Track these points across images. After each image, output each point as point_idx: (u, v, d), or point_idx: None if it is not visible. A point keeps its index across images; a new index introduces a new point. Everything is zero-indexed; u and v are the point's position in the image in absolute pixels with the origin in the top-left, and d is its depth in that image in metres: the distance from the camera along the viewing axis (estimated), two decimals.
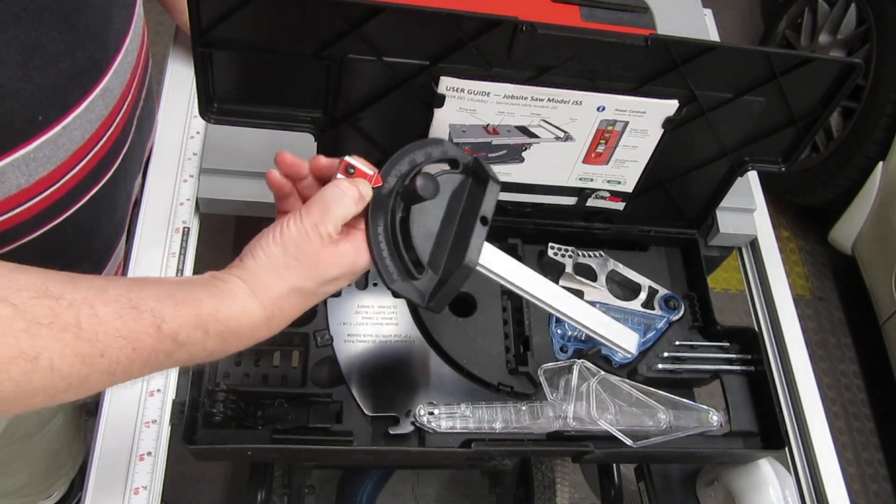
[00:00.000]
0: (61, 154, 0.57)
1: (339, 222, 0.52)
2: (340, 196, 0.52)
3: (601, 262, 0.85)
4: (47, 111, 0.54)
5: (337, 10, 0.59)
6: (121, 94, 0.63)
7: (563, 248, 0.85)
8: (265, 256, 0.50)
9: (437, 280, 0.56)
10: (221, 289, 0.49)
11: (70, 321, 0.40)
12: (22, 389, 0.38)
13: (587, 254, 0.85)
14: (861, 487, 1.91)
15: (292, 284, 0.50)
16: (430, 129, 0.70)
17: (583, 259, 0.85)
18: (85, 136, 0.59)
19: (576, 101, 0.68)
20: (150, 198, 0.79)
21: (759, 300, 0.95)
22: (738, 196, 0.90)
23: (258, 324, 0.50)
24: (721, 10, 2.41)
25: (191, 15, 0.58)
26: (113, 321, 0.42)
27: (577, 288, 0.83)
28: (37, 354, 0.38)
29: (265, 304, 0.50)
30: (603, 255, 0.86)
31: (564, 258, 0.84)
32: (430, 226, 0.57)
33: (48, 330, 0.39)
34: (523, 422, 0.72)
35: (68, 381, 0.40)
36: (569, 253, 0.85)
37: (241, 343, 0.50)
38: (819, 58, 0.69)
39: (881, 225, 1.88)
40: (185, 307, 0.46)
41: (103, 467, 0.65)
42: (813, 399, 0.85)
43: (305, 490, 1.11)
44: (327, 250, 0.51)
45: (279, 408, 0.71)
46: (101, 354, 0.41)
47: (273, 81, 0.66)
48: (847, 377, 2.09)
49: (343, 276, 0.53)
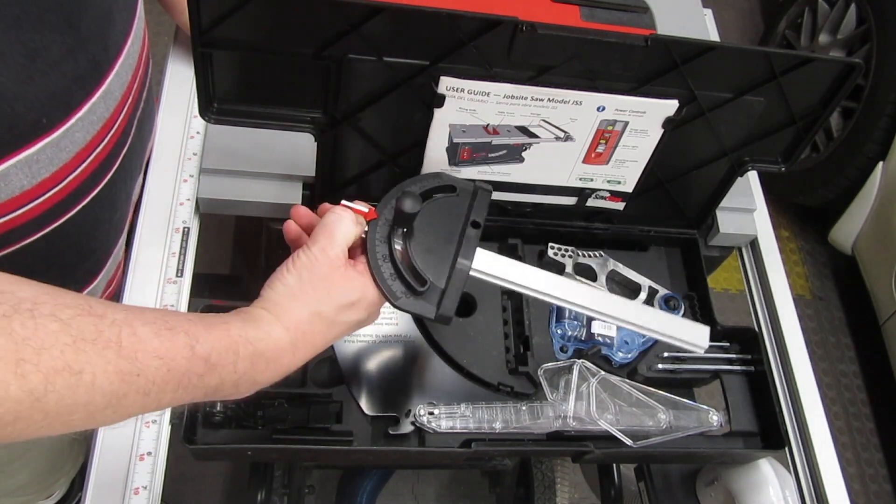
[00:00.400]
0: (63, 156, 0.57)
1: (343, 243, 0.56)
2: (338, 219, 0.56)
3: (601, 262, 0.85)
4: (51, 114, 0.54)
5: (337, 10, 0.59)
6: (122, 95, 0.63)
7: (564, 248, 0.85)
8: (283, 286, 0.54)
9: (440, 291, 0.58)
10: (247, 315, 0.51)
11: (112, 339, 0.41)
12: (64, 403, 0.39)
13: (587, 254, 0.85)
14: (861, 487, 1.91)
15: (311, 308, 0.53)
16: (430, 129, 0.70)
17: (583, 259, 0.85)
18: (87, 139, 0.59)
19: (576, 101, 0.68)
20: (150, 198, 0.79)
21: (759, 300, 0.95)
22: (738, 196, 0.90)
23: (284, 348, 0.52)
24: (721, 10, 2.42)
25: (191, 15, 0.58)
26: (151, 340, 0.43)
27: None
28: (81, 369, 0.39)
29: (288, 328, 0.52)
30: (603, 255, 0.86)
31: (564, 258, 0.84)
32: (430, 243, 0.60)
33: (92, 346, 0.40)
34: (523, 422, 0.72)
35: (107, 398, 0.41)
36: (569, 253, 0.85)
37: (268, 368, 0.51)
38: (819, 58, 0.69)
39: (881, 225, 1.88)
40: (217, 330, 0.48)
41: (103, 467, 0.65)
42: (813, 399, 0.85)
43: (305, 490, 1.11)
44: (338, 272, 0.55)
45: (279, 408, 0.71)
46: (139, 374, 0.42)
47: (273, 81, 0.66)
48: (847, 377, 2.09)
49: (359, 303, 0.56)
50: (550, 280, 0.63)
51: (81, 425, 0.41)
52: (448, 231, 0.61)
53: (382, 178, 0.76)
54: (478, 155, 0.73)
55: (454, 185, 0.64)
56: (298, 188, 0.80)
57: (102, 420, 0.42)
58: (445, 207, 0.62)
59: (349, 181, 0.77)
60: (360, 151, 0.73)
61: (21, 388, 0.37)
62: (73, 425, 0.41)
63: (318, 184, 0.78)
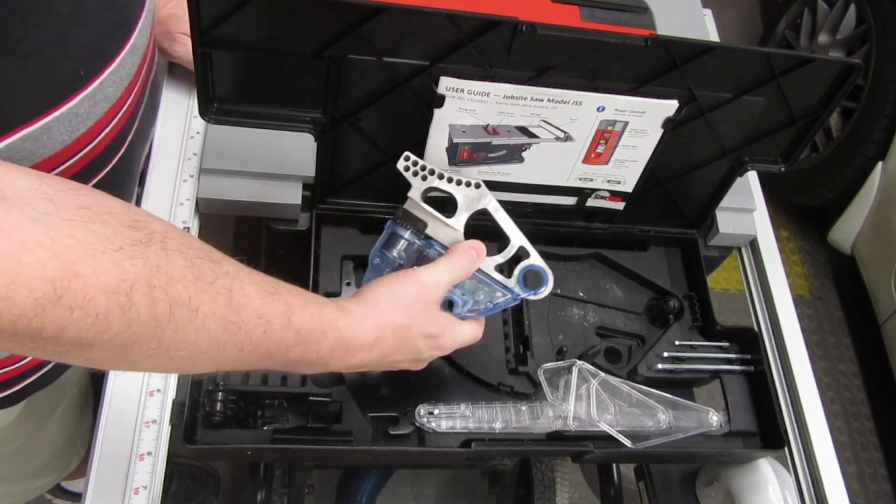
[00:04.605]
0: (98, 110, 0.57)
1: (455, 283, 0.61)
2: (470, 265, 0.61)
3: (473, 196, 0.65)
4: (87, 66, 0.54)
5: (337, 11, 0.59)
6: (143, 51, 0.63)
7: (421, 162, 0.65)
8: (389, 291, 0.57)
9: None
10: (341, 305, 0.54)
11: (226, 286, 0.43)
12: (176, 337, 0.40)
13: (457, 179, 0.65)
14: (861, 487, 1.91)
15: (403, 322, 0.56)
16: (429, 129, 0.70)
17: (443, 184, 0.64)
18: (117, 94, 0.59)
19: (576, 102, 0.68)
20: (151, 198, 0.79)
21: (759, 300, 0.95)
22: (738, 196, 0.90)
23: (364, 344, 0.54)
24: (721, 10, 2.41)
25: (191, 15, 0.58)
26: (256, 299, 0.45)
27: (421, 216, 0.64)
28: (197, 307, 0.41)
29: (376, 328, 0.55)
30: (481, 186, 0.65)
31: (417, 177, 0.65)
32: None
33: (209, 288, 0.42)
34: (523, 422, 0.72)
35: (210, 343, 0.42)
36: (426, 172, 0.64)
37: (343, 357, 0.53)
38: (819, 58, 0.69)
39: (880, 225, 1.88)
40: (311, 308, 0.50)
41: (103, 467, 0.65)
42: (812, 399, 0.85)
43: (305, 490, 1.11)
44: (438, 304, 0.59)
45: (279, 408, 0.71)
46: (241, 326, 0.44)
47: (273, 81, 0.66)
48: (846, 377, 2.09)
49: (436, 338, 0.60)
50: None
51: (180, 365, 0.43)
52: None
53: (382, 178, 0.76)
54: (478, 155, 0.73)
55: None
56: (298, 188, 0.80)
57: (197, 365, 0.44)
58: None
59: (349, 181, 0.77)
60: (360, 151, 0.73)
61: (150, 313, 0.38)
62: (173, 362, 0.42)
63: (318, 184, 0.78)
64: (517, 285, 0.64)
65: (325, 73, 0.64)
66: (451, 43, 0.63)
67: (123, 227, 0.39)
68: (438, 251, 0.63)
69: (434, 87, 0.66)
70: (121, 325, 0.38)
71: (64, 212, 0.38)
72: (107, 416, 0.67)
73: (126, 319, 0.38)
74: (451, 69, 0.65)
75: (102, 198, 0.41)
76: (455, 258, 0.60)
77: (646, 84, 0.68)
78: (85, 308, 0.36)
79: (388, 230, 0.64)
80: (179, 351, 0.41)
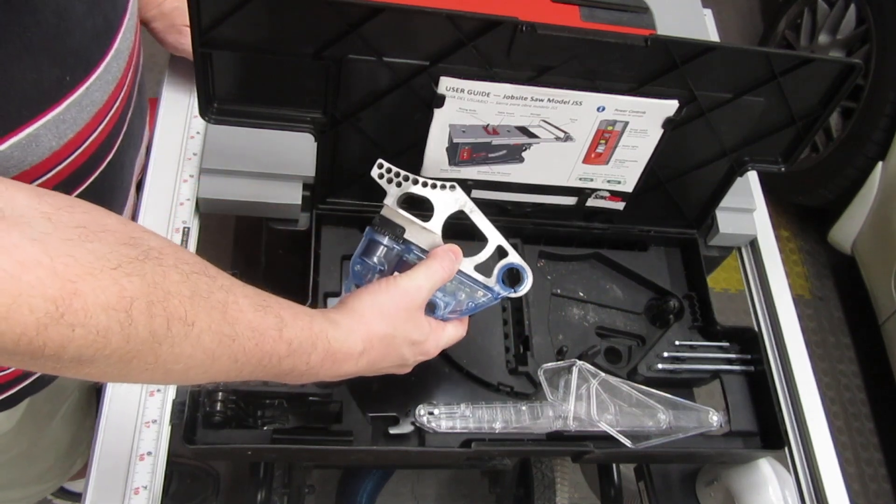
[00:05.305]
0: (85, 116, 0.58)
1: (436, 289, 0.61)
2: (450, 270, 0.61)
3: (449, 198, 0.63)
4: (73, 71, 0.54)
5: (337, 11, 0.59)
6: (129, 55, 0.63)
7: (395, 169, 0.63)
8: (373, 301, 0.57)
9: None
10: (329, 316, 0.54)
11: (220, 301, 0.44)
12: (173, 351, 0.41)
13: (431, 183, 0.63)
14: (861, 487, 1.91)
15: (389, 331, 0.57)
16: (430, 129, 0.70)
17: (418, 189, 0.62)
18: (104, 98, 0.60)
19: (576, 102, 0.68)
20: (150, 198, 0.79)
21: (759, 300, 0.95)
22: (738, 196, 0.90)
23: (353, 354, 0.55)
24: (721, 10, 2.41)
25: (191, 15, 0.58)
26: (249, 312, 0.46)
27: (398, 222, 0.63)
28: (193, 321, 0.42)
29: (364, 339, 0.55)
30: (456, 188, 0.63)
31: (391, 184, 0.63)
32: None
33: (205, 302, 0.43)
34: (523, 422, 0.72)
35: (205, 356, 0.43)
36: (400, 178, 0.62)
37: (332, 368, 0.54)
38: (819, 58, 0.69)
39: (881, 225, 1.88)
40: (301, 320, 0.51)
41: (103, 467, 0.65)
42: (812, 399, 0.85)
43: (305, 490, 1.11)
44: (421, 310, 0.60)
45: (279, 408, 0.71)
46: (234, 340, 0.45)
47: (273, 81, 0.66)
48: (847, 377, 2.09)
49: (419, 345, 0.60)
50: None
51: (175, 377, 0.44)
52: None
53: None
54: (478, 155, 0.73)
55: None
56: (298, 188, 0.80)
57: (192, 377, 0.45)
58: None
59: (349, 181, 0.77)
60: (360, 151, 0.73)
61: (148, 329, 0.39)
62: (168, 375, 0.43)
63: (318, 184, 0.78)
64: (497, 284, 0.64)
65: (325, 73, 0.64)
66: (451, 43, 0.63)
67: (120, 244, 0.40)
68: (418, 255, 0.63)
69: (434, 87, 0.66)
70: (120, 342, 0.38)
71: (62, 231, 0.38)
72: (107, 416, 0.67)
73: (125, 335, 0.38)
74: (452, 69, 0.65)
75: (98, 215, 0.42)
76: (434, 263, 0.60)
77: (646, 84, 0.68)
78: (86, 325, 0.36)
79: (367, 237, 0.64)
80: (175, 364, 0.42)
